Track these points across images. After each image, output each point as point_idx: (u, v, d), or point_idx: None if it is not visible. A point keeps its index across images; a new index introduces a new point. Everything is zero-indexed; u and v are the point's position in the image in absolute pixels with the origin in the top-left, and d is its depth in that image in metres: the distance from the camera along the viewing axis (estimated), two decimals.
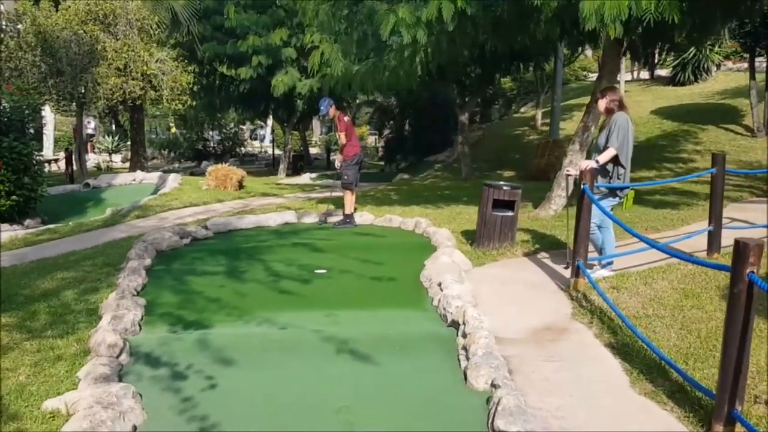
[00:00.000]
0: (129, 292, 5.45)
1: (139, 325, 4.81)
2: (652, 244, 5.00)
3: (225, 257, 7.11)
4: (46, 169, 15.32)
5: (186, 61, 19.98)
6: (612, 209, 6.08)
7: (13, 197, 10.37)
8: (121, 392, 3.49)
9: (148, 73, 16.90)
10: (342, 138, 9.03)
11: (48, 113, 22.56)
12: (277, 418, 3.55)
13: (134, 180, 16.14)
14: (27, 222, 10.70)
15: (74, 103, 17.28)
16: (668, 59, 22.90)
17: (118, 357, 4.15)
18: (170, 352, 4.33)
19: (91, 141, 31.92)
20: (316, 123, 40.89)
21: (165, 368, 4.14)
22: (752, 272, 3.13)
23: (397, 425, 3.48)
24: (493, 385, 3.76)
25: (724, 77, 22.96)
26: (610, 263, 6.22)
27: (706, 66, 22.59)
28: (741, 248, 3.17)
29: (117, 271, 6.49)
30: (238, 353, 4.33)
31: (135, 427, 3.35)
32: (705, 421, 3.41)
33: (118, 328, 4.43)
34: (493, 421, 3.37)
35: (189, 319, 5.02)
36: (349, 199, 9.07)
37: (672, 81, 23.66)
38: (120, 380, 3.87)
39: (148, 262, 6.60)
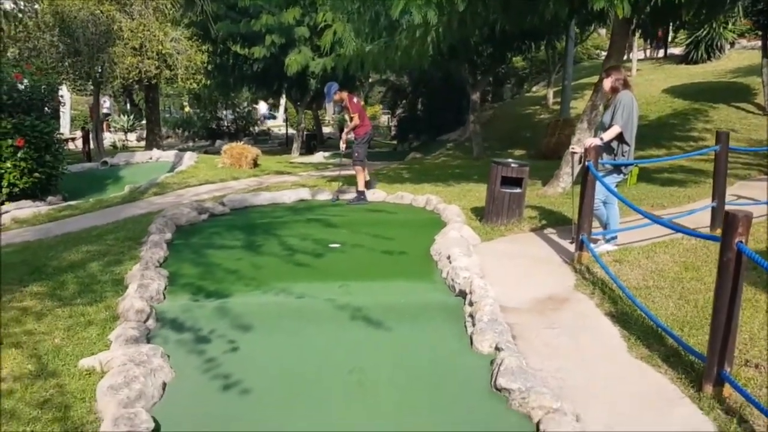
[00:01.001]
0: (152, 263, 5.73)
1: (163, 294, 5.08)
2: (654, 219, 5.19)
3: (242, 232, 7.37)
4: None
5: (200, 40, 20.15)
6: (616, 186, 6.27)
7: (36, 174, 10.68)
8: (150, 352, 3.76)
9: (163, 52, 17.14)
10: (356, 119, 9.23)
11: (65, 92, 22.87)
12: (295, 378, 3.81)
13: (151, 158, 16.44)
14: (49, 199, 11.01)
15: (90, 83, 17.56)
16: (681, 37, 22.78)
17: (145, 322, 4.42)
18: (193, 318, 4.60)
19: (107, 120, 32.24)
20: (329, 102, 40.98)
21: (189, 333, 4.41)
22: (741, 242, 3.34)
23: (407, 384, 3.74)
24: (497, 349, 4.01)
25: (738, 55, 22.85)
26: (614, 238, 6.43)
27: (719, 44, 22.49)
28: (730, 219, 3.37)
29: (138, 244, 6.77)
30: (257, 320, 4.60)
31: (164, 384, 3.62)
32: (696, 383, 3.63)
33: (145, 295, 4.70)
34: (496, 379, 3.62)
35: (210, 289, 5.29)
36: (362, 176, 9.30)
37: (685, 59, 23.58)
38: (148, 343, 4.14)
39: (168, 236, 6.88)
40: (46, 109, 11.52)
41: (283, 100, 39.29)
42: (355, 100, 9.36)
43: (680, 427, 3.23)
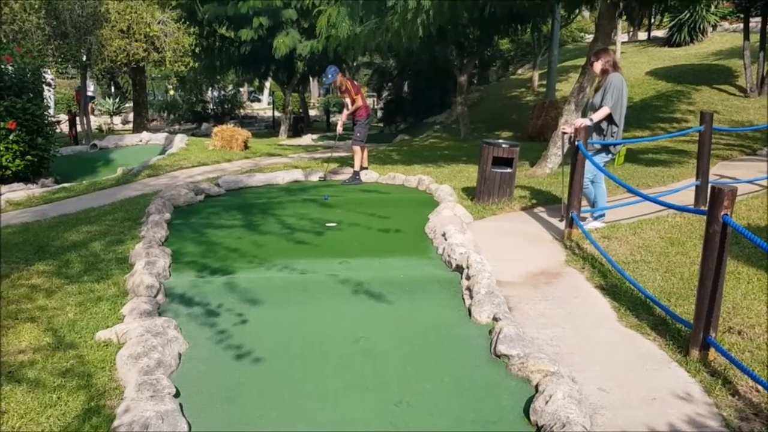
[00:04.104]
0: (155, 242, 5.86)
1: (169, 271, 5.22)
2: (644, 196, 5.37)
3: (239, 212, 7.51)
4: None
5: (186, 23, 20.07)
6: (605, 165, 6.48)
7: (28, 157, 10.71)
8: (165, 324, 3.93)
9: (150, 34, 17.07)
10: (358, 101, 9.37)
11: (50, 75, 22.71)
12: (304, 347, 3.99)
13: (141, 141, 16.43)
14: (41, 181, 11.05)
15: (76, 65, 17.47)
16: (664, 20, 23.00)
17: (155, 297, 4.57)
18: (201, 294, 4.76)
19: (92, 103, 32.01)
20: (314, 85, 40.97)
21: (198, 307, 4.58)
22: (726, 214, 3.55)
23: (411, 352, 3.94)
24: (495, 319, 4.22)
25: (720, 38, 23.14)
26: (602, 215, 6.65)
27: (702, 27, 22.73)
28: (717, 193, 3.58)
29: (138, 225, 6.90)
30: (264, 294, 4.77)
31: (180, 354, 3.79)
32: (683, 348, 3.86)
33: (153, 271, 4.85)
34: (495, 346, 3.83)
35: (214, 266, 5.44)
36: (359, 156, 9.46)
37: (668, 42, 23.82)
38: (160, 317, 4.30)
39: (167, 216, 7.00)
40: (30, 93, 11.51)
41: (268, 83, 39.18)
42: (355, 82, 9.53)
43: (669, 388, 3.45)
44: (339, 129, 10.21)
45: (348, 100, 9.54)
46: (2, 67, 10.65)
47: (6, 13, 15.42)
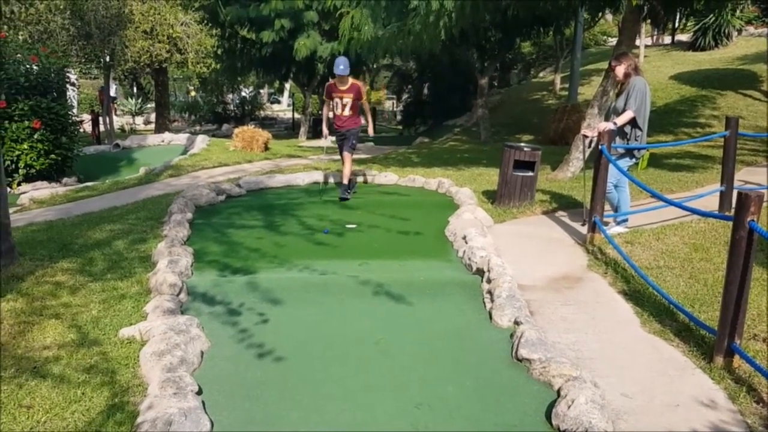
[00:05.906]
0: (178, 241, 5.91)
1: (191, 270, 5.26)
2: (668, 201, 5.33)
3: (260, 213, 7.55)
4: None
5: (208, 24, 20.22)
6: (628, 169, 6.42)
7: (52, 156, 10.87)
8: (188, 322, 3.95)
9: (173, 36, 17.23)
10: (366, 105, 8.79)
11: (74, 75, 23.01)
12: (325, 347, 4.00)
13: (163, 141, 16.60)
14: (64, 180, 11.20)
15: (101, 66, 17.67)
16: (689, 24, 22.80)
17: (178, 295, 4.61)
18: (223, 293, 4.80)
19: (114, 103, 32.35)
20: None
21: (220, 306, 4.61)
22: (752, 220, 3.51)
23: (431, 354, 3.93)
24: (516, 323, 4.20)
25: (745, 42, 22.88)
26: (625, 220, 6.59)
27: (726, 31, 22.51)
28: (743, 199, 3.54)
29: (160, 224, 6.95)
30: (285, 294, 4.79)
31: (202, 353, 3.81)
32: (707, 355, 3.82)
33: (176, 270, 4.88)
34: (517, 350, 3.81)
35: (235, 266, 5.48)
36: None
37: (692, 46, 23.61)
38: (182, 315, 4.33)
39: (189, 215, 7.06)
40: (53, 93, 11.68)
41: (287, 85, 39.33)
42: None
43: (693, 395, 3.41)
44: (370, 131, 9.11)
45: (352, 101, 8.43)
46: (28, 66, 10.82)
47: (32, 14, 15.63)
